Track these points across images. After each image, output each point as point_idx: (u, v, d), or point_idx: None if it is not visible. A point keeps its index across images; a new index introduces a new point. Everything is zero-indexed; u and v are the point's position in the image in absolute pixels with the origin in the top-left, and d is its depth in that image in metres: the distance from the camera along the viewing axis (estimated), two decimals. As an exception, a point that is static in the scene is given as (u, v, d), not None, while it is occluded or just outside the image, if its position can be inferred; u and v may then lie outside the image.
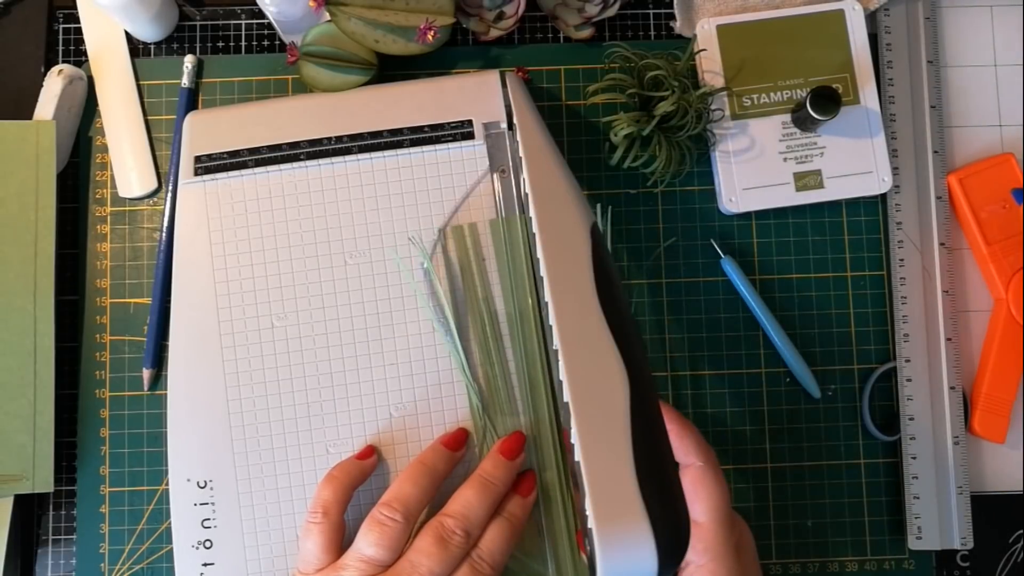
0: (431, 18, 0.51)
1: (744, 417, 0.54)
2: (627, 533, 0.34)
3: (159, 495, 0.52)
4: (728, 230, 0.55)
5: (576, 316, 0.39)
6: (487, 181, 0.49)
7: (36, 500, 0.53)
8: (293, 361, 0.47)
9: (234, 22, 0.56)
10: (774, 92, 0.54)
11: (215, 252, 0.48)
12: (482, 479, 0.43)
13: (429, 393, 0.47)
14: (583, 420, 0.37)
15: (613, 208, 0.55)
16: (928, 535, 0.52)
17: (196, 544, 0.46)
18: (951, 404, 0.54)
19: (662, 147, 0.51)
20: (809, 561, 0.53)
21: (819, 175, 0.54)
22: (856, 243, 0.55)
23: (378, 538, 0.40)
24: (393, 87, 0.51)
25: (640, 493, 0.35)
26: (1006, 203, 0.55)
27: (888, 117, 0.55)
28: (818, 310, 0.55)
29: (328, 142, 0.49)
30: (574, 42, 0.56)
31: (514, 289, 0.47)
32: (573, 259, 0.41)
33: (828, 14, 0.55)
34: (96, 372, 0.53)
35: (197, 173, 0.49)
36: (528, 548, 0.45)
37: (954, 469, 0.53)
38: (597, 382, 0.38)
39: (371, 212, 0.48)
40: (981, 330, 0.56)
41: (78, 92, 0.54)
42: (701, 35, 0.55)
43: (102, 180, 0.55)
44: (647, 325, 0.54)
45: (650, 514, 0.34)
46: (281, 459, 0.46)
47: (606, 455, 0.36)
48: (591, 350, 0.39)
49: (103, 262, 0.54)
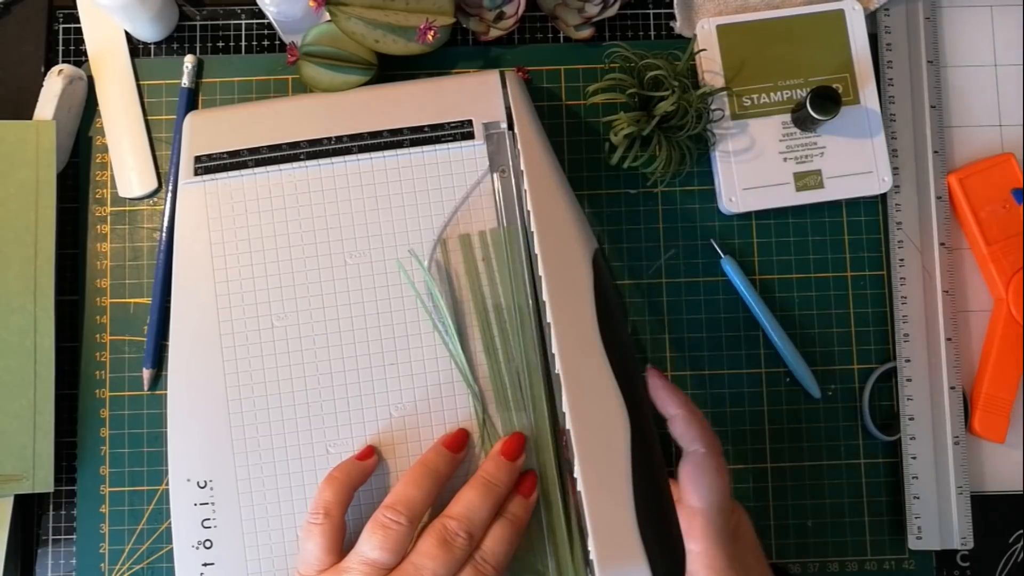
0: (431, 18, 0.51)
1: (744, 417, 0.54)
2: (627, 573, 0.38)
3: (159, 495, 0.52)
4: (728, 230, 0.55)
5: (579, 356, 0.41)
6: (487, 181, 0.49)
7: (36, 500, 0.53)
8: (293, 361, 0.47)
9: (234, 22, 0.56)
10: (774, 92, 0.54)
11: (215, 252, 0.48)
12: (484, 480, 0.43)
13: (429, 393, 0.47)
14: (586, 461, 0.40)
15: (613, 208, 0.55)
16: (928, 535, 0.52)
17: (196, 544, 0.46)
18: (951, 404, 0.54)
19: (662, 147, 0.51)
20: (809, 561, 0.53)
21: (819, 175, 0.54)
22: (856, 243, 0.55)
23: (381, 541, 0.40)
24: (393, 87, 0.51)
25: (639, 534, 0.38)
26: (1006, 203, 0.55)
27: (888, 117, 0.55)
28: (818, 310, 0.55)
29: (328, 142, 0.49)
30: (574, 42, 0.56)
31: (513, 290, 0.47)
32: (575, 293, 0.43)
33: (828, 14, 0.55)
34: (96, 372, 0.53)
35: (197, 173, 0.49)
36: (529, 548, 0.45)
37: (954, 469, 0.53)
38: (599, 423, 0.40)
39: (371, 212, 0.48)
40: (981, 330, 0.56)
41: (78, 92, 0.54)
42: (701, 35, 0.55)
43: (102, 180, 0.55)
44: (647, 325, 0.54)
45: (648, 554, 0.38)
46: (281, 459, 0.46)
47: (607, 496, 0.39)
48: (593, 392, 0.41)
49: (103, 262, 0.54)
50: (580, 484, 0.39)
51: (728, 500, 0.43)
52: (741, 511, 0.45)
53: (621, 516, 0.38)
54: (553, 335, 0.42)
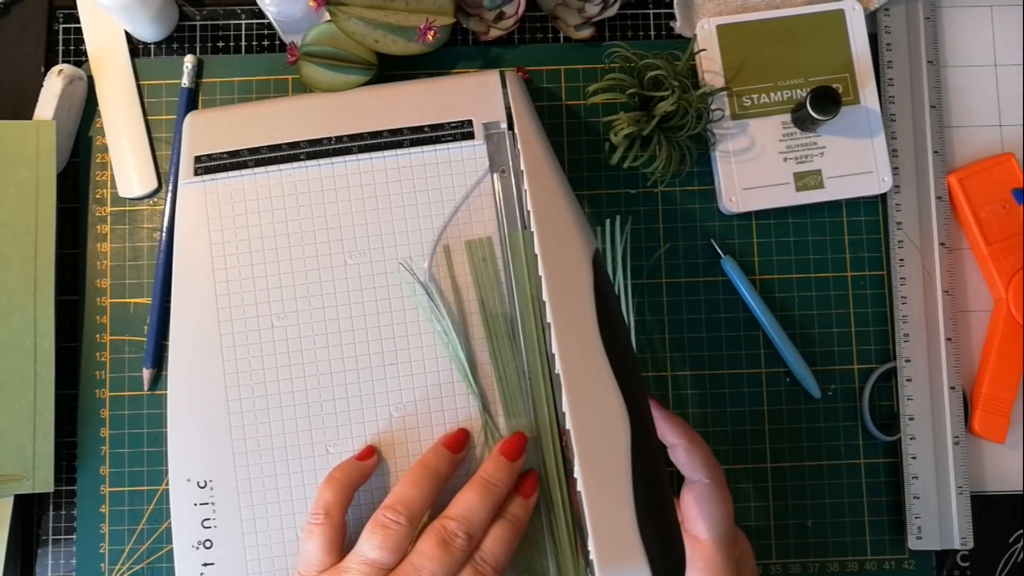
0: (431, 18, 0.51)
1: (744, 417, 0.54)
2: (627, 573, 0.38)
3: (159, 495, 0.52)
4: (728, 230, 0.55)
5: (579, 356, 0.41)
6: (487, 181, 0.49)
7: (36, 500, 0.53)
8: (293, 361, 0.47)
9: (234, 22, 0.56)
10: (774, 92, 0.54)
11: (215, 252, 0.48)
12: (484, 481, 0.43)
13: (429, 393, 0.47)
14: (585, 461, 0.40)
15: (613, 208, 0.55)
16: (928, 535, 0.52)
17: (196, 544, 0.46)
18: (951, 404, 0.54)
19: (662, 147, 0.51)
20: (809, 561, 0.53)
21: (819, 175, 0.54)
22: (856, 243, 0.55)
23: (381, 541, 0.40)
24: (393, 87, 0.51)
25: (639, 534, 0.38)
26: (1006, 203, 0.55)
27: (888, 117, 0.55)
28: (818, 310, 0.55)
29: (328, 142, 0.49)
30: (574, 42, 0.56)
31: (513, 290, 0.47)
32: (575, 294, 0.43)
33: (828, 14, 0.55)
34: (96, 372, 0.53)
35: (197, 173, 0.49)
36: (530, 547, 0.45)
37: (954, 469, 0.53)
38: (599, 423, 0.40)
39: (371, 212, 0.48)
40: (981, 330, 0.56)
41: (78, 92, 0.54)
42: (701, 35, 0.55)
43: (102, 180, 0.55)
44: (647, 325, 0.54)
45: (648, 554, 0.38)
46: (281, 459, 0.46)
47: (607, 496, 0.39)
48: (593, 392, 0.41)
49: (103, 262, 0.54)
50: (580, 484, 0.39)
51: (732, 530, 0.44)
52: (744, 540, 0.46)
53: (621, 516, 0.38)
54: (553, 335, 0.42)
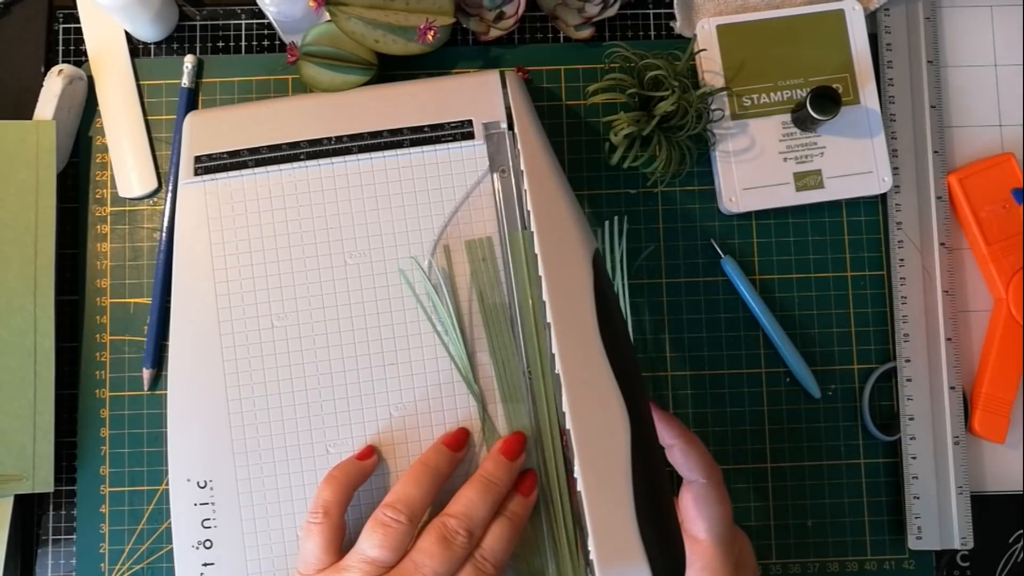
0: (431, 18, 0.51)
1: (744, 417, 0.54)
2: (627, 573, 0.38)
3: (159, 495, 0.52)
4: (728, 230, 0.55)
5: (579, 356, 0.41)
6: (487, 181, 0.49)
7: (36, 500, 0.53)
8: (293, 361, 0.47)
9: (234, 22, 0.56)
10: (774, 92, 0.54)
11: (215, 252, 0.48)
12: (484, 479, 0.43)
13: (429, 393, 0.47)
14: (586, 461, 0.40)
15: (613, 208, 0.55)
16: (928, 535, 0.52)
17: (196, 544, 0.46)
18: (951, 404, 0.54)
19: (662, 147, 0.51)
20: (809, 561, 0.53)
21: (819, 175, 0.54)
22: (856, 243, 0.55)
23: (382, 539, 0.40)
24: (393, 87, 0.51)
25: (639, 534, 0.38)
26: (1006, 203, 0.55)
27: (888, 117, 0.55)
28: (818, 310, 0.55)
29: (328, 142, 0.49)
30: (574, 42, 0.56)
31: (514, 290, 0.47)
32: (575, 294, 0.43)
33: (828, 14, 0.55)
34: (96, 372, 0.53)
35: (197, 173, 0.49)
36: (529, 547, 0.45)
37: (954, 469, 0.53)
38: (599, 423, 0.40)
39: (371, 212, 0.48)
40: (981, 330, 0.56)
41: (78, 92, 0.54)
42: (701, 35, 0.55)
43: (102, 180, 0.55)
44: (647, 325, 0.54)
45: (648, 554, 0.38)
46: (281, 459, 0.46)
47: (607, 496, 0.39)
48: (593, 392, 0.41)
49: (103, 262, 0.54)
50: (580, 484, 0.39)
51: (731, 529, 0.44)
52: (744, 539, 0.46)
53: (621, 516, 0.39)
54: (553, 335, 0.42)
